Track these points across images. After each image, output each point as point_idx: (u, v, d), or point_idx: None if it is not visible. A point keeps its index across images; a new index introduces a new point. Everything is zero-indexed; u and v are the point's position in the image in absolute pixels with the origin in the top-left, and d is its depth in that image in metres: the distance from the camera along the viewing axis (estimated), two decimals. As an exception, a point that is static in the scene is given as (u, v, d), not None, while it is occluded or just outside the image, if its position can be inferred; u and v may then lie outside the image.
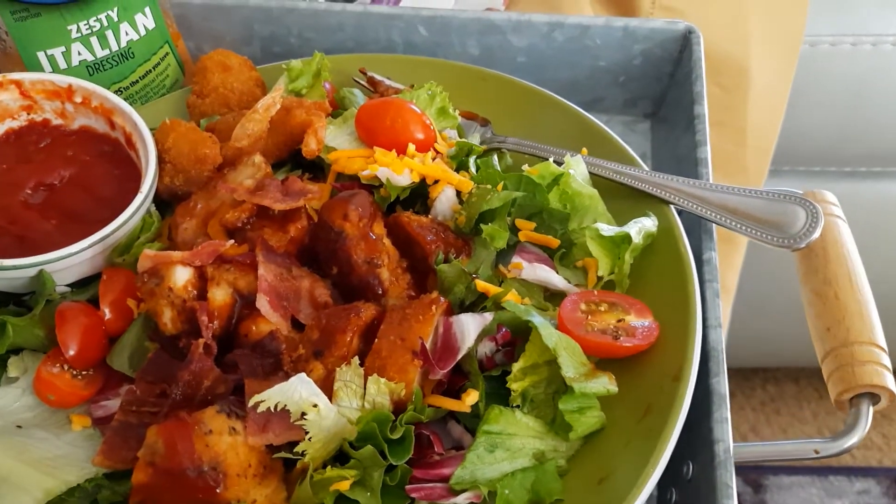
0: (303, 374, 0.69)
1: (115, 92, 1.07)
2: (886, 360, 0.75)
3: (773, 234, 0.80)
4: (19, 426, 0.77)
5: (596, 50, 1.15)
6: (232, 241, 0.81)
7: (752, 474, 2.30)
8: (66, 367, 0.79)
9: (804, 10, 1.59)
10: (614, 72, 1.17)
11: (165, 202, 0.96)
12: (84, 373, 0.81)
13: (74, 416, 0.79)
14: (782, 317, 2.08)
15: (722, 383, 0.75)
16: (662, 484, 0.84)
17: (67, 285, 0.87)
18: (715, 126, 1.52)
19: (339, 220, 0.82)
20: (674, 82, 1.15)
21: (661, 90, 1.17)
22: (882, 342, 0.74)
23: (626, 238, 0.79)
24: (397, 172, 0.86)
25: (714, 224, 0.85)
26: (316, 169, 0.99)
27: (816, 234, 0.78)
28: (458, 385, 0.76)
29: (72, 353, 0.79)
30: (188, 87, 1.10)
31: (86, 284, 0.88)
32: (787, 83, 1.59)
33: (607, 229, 0.80)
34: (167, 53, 1.12)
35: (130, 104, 1.09)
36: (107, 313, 0.83)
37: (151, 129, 0.96)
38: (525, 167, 0.88)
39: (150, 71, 1.10)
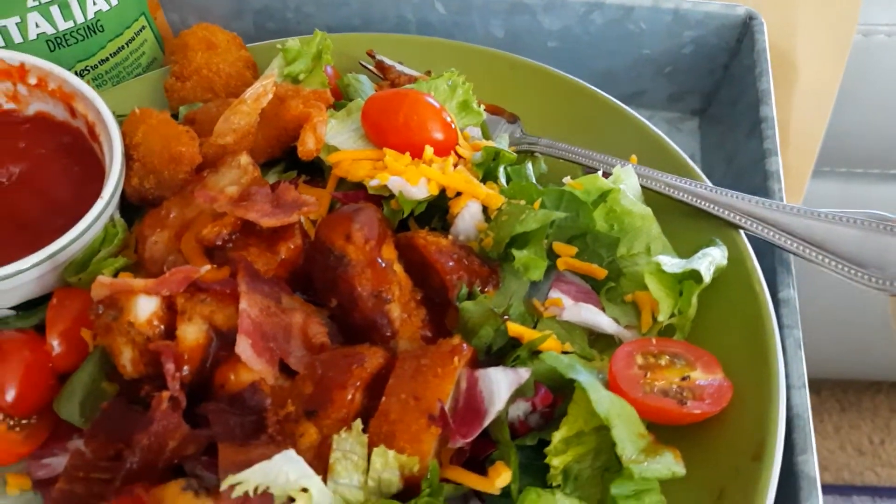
0: (290, 452, 0.54)
1: (82, 71, 0.92)
2: None
3: (867, 273, 0.65)
4: (-59, 490, 0.63)
5: (640, 36, 1.00)
6: (207, 267, 0.66)
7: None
8: (1, 416, 0.65)
9: (859, -6, 1.43)
10: (660, 61, 1.01)
11: (134, 208, 0.81)
12: (24, 422, 0.66)
13: (11, 476, 0.65)
14: (803, 324, 1.95)
15: (810, 463, 0.61)
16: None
17: (11, 308, 0.73)
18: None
19: (340, 241, 0.67)
20: (728, 76, 1.00)
21: (714, 84, 1.02)
22: None
23: (695, 275, 0.64)
24: (412, 183, 0.71)
25: (794, 256, 0.71)
26: (315, 170, 0.84)
27: (926, 276, 0.63)
28: (482, 453, 0.62)
29: (9, 397, 0.65)
30: (167, 68, 0.95)
31: (34, 307, 0.73)
32: (836, 78, 1.44)
33: (671, 263, 0.65)
34: (143, 27, 0.96)
35: (100, 85, 0.95)
36: (55, 346, 0.68)
37: (120, 118, 0.81)
38: (567, 179, 0.73)
39: (123, 47, 0.94)
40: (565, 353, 0.65)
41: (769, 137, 0.82)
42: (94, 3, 0.89)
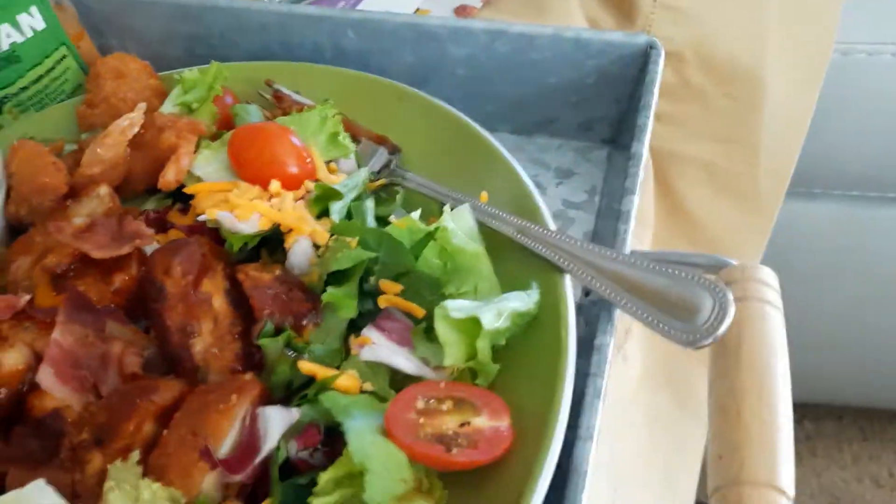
0: (41, 481, 0.58)
1: (2, 98, 0.98)
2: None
3: (674, 326, 0.64)
4: None
5: (544, 64, 0.99)
6: (27, 297, 0.70)
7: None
8: None
9: (836, 12, 1.37)
10: (566, 90, 1.00)
11: (21, 232, 0.86)
12: None
13: None
14: (821, 348, 1.87)
15: (576, 518, 0.60)
16: None
17: None
18: (724, 144, 1.33)
19: (160, 274, 0.70)
20: (633, 106, 0.98)
21: (620, 114, 1.00)
22: (786, 485, 0.57)
23: (476, 322, 0.64)
24: (241, 218, 0.73)
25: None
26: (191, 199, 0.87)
27: (722, 331, 0.62)
28: (264, 489, 0.64)
29: None
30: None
31: None
32: (811, 97, 1.38)
33: (458, 309, 0.65)
34: (64, 56, 1.02)
35: (24, 111, 1.01)
36: None
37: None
38: (392, 218, 0.74)
39: (43, 76, 1.00)
40: (362, 392, 0.66)
41: (631, 175, 0.81)
42: (8, 36, 0.95)
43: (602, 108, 1.00)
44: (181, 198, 0.87)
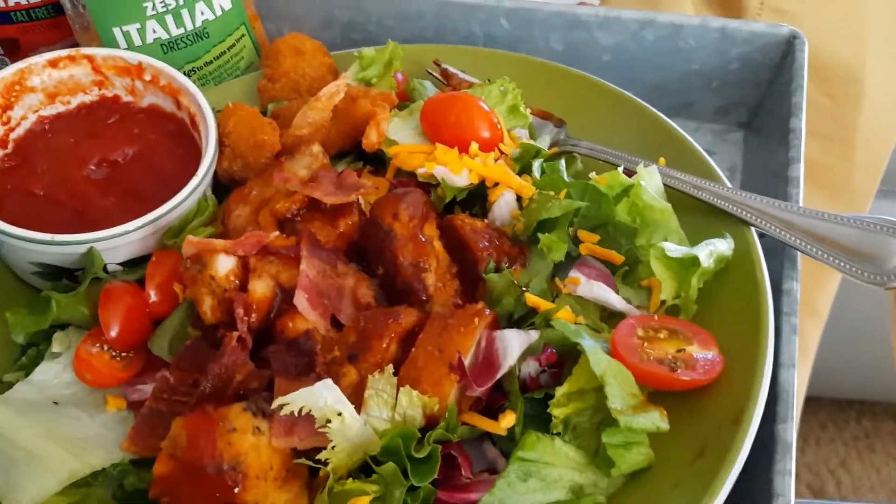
0: (328, 381, 0.65)
1: (189, 72, 1.07)
2: None
3: (863, 269, 0.71)
4: (56, 402, 0.77)
5: (689, 52, 1.07)
6: (276, 233, 0.78)
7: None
8: (105, 348, 0.79)
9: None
10: (707, 76, 1.08)
11: (224, 188, 0.94)
12: (124, 354, 0.80)
13: (111, 396, 0.78)
14: (882, 346, 1.93)
15: (789, 430, 0.67)
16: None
17: (120, 264, 0.87)
18: (821, 139, 1.41)
19: (388, 218, 0.78)
20: (772, 91, 1.06)
21: (758, 98, 1.08)
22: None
23: (695, 260, 0.72)
24: (455, 172, 0.81)
25: (799, 252, 0.77)
26: (378, 163, 0.95)
27: (915, 273, 0.69)
28: (498, 404, 0.71)
29: (113, 333, 0.78)
30: (262, 71, 1.09)
31: (138, 265, 0.87)
32: (905, 97, 1.46)
33: (674, 249, 0.73)
34: (243, 35, 1.11)
35: (204, 84, 1.10)
36: (152, 296, 0.82)
37: (217, 112, 0.95)
38: (593, 174, 0.82)
39: (225, 52, 1.09)
40: (577, 324, 0.74)
41: (794, 147, 0.89)
42: (202, 13, 1.04)
43: (741, 93, 1.08)
44: (369, 161, 0.96)
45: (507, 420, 0.67)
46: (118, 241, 0.83)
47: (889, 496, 2.19)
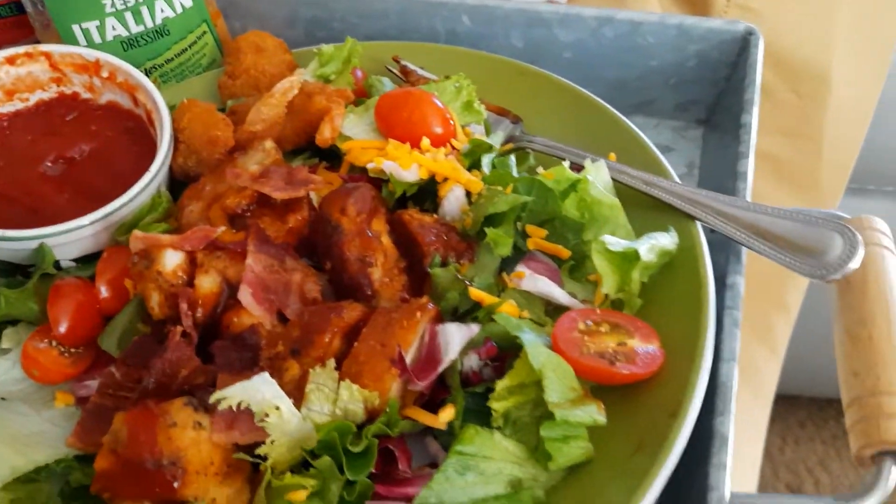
0: (265, 374, 0.66)
1: (150, 69, 1.07)
2: (921, 416, 0.66)
3: (804, 262, 0.72)
4: (3, 398, 0.77)
5: (648, 49, 1.07)
6: (223, 228, 0.79)
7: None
8: (54, 344, 0.79)
9: (901, 11, 1.45)
10: (666, 73, 1.09)
11: (180, 184, 0.94)
12: (73, 350, 0.80)
13: (59, 392, 0.79)
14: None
15: (726, 424, 0.68)
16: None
17: (72, 260, 0.87)
18: (789, 137, 1.41)
19: (336, 213, 0.78)
20: (730, 87, 1.06)
21: (716, 95, 1.09)
22: (916, 394, 0.65)
23: (635, 255, 0.73)
24: (404, 167, 0.82)
25: (742, 246, 0.78)
26: (335, 159, 0.95)
27: (853, 266, 0.70)
28: (439, 397, 0.72)
29: (62, 329, 0.79)
30: (223, 68, 1.09)
31: (92, 261, 0.87)
32: (874, 93, 1.46)
33: (615, 243, 0.73)
34: (205, 32, 1.11)
35: (165, 81, 1.10)
36: (103, 292, 0.82)
37: (172, 108, 0.95)
38: (540, 170, 0.82)
39: (186, 49, 1.09)
40: (521, 318, 0.74)
41: (744, 142, 0.89)
42: (162, 11, 1.04)
43: (699, 90, 1.09)
44: (325, 157, 0.96)
45: (447, 414, 0.68)
46: (70, 237, 0.83)
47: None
